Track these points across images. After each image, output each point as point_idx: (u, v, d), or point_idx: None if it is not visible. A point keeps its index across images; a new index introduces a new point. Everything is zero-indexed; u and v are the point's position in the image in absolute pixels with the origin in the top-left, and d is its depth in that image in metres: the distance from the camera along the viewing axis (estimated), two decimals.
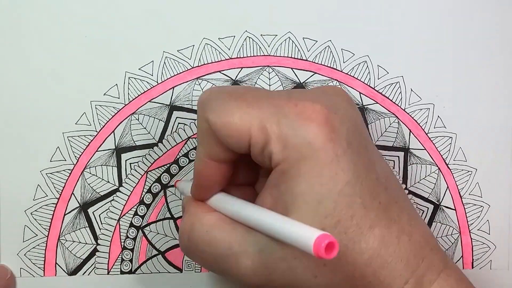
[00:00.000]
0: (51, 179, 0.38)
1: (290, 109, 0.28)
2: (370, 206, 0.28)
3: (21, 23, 0.37)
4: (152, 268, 0.39)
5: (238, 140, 0.28)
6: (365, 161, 0.29)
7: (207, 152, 0.30)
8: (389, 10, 0.39)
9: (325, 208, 0.27)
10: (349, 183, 0.27)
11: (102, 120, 0.38)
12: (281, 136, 0.28)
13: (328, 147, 0.27)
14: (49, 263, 0.38)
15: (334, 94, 0.30)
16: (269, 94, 0.30)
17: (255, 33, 0.39)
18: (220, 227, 0.30)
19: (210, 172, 0.31)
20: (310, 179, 0.27)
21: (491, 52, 0.40)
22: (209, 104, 0.29)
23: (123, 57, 0.38)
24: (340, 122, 0.28)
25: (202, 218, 0.31)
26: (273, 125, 0.28)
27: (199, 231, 0.31)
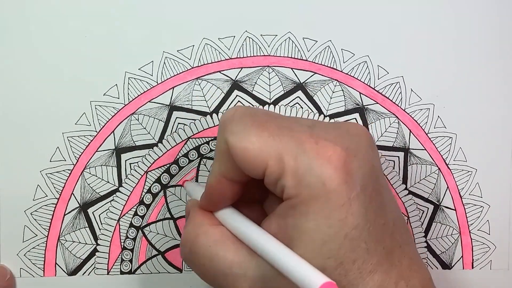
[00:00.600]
0: (51, 179, 0.38)
1: (310, 146, 0.28)
2: (373, 251, 0.28)
3: (21, 24, 0.37)
4: (152, 268, 0.39)
5: (254, 167, 0.28)
6: (376, 205, 0.29)
7: (222, 170, 0.30)
8: (389, 10, 0.39)
9: (329, 250, 0.27)
10: (357, 228, 0.27)
11: (102, 120, 0.38)
12: (297, 171, 0.28)
13: (341, 189, 0.27)
14: (49, 263, 0.38)
15: (357, 134, 0.30)
16: (292, 125, 0.30)
17: (255, 33, 0.39)
18: (224, 244, 0.30)
19: (222, 189, 0.31)
20: (319, 219, 0.27)
21: (491, 52, 0.40)
22: (231, 125, 0.29)
23: (123, 57, 0.38)
24: (358, 166, 0.28)
25: (208, 231, 0.31)
26: (290, 159, 0.28)
27: (202, 244, 0.31)
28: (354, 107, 0.39)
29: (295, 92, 0.39)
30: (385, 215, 0.29)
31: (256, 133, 0.28)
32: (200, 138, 0.39)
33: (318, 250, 0.27)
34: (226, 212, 0.32)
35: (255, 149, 0.28)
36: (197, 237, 0.31)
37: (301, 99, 0.39)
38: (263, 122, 0.29)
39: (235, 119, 0.29)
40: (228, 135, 0.29)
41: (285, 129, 0.29)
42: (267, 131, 0.28)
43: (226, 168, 0.30)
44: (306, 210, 0.27)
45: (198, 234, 0.31)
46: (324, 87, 0.39)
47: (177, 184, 0.39)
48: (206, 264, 0.30)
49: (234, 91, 0.39)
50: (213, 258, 0.30)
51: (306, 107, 0.39)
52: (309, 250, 0.27)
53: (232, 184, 0.31)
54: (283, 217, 0.29)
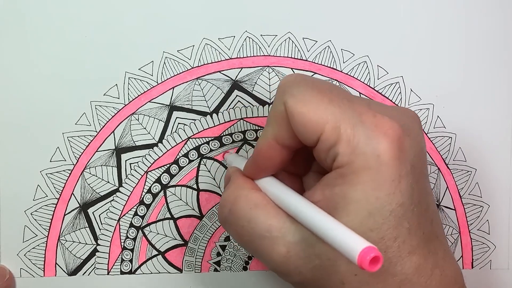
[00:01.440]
0: (51, 179, 0.38)
1: (368, 118, 0.28)
2: (414, 233, 0.28)
3: (21, 24, 0.37)
4: (152, 268, 0.39)
5: (310, 132, 0.28)
6: (421, 188, 0.29)
7: (275, 134, 0.30)
8: (389, 10, 0.39)
9: (374, 222, 0.27)
10: (402, 206, 0.28)
11: (102, 120, 0.38)
12: (353, 140, 0.28)
13: (394, 164, 0.27)
14: (49, 264, 0.38)
15: (410, 117, 0.31)
16: (351, 97, 0.30)
17: (255, 33, 0.39)
18: (264, 208, 0.30)
19: (271, 154, 0.31)
20: (368, 190, 0.27)
21: (491, 52, 0.40)
22: (291, 88, 0.29)
23: (123, 57, 0.38)
24: (410, 145, 0.29)
25: (249, 194, 0.31)
26: (347, 128, 0.28)
27: (242, 205, 0.31)
28: None
29: None
30: (427, 201, 0.29)
31: (316, 98, 0.28)
32: (200, 138, 0.39)
33: (362, 221, 0.27)
34: (268, 180, 0.32)
35: (314, 114, 0.28)
36: (237, 198, 0.31)
37: None
38: (324, 89, 0.29)
39: (296, 83, 0.30)
40: (287, 98, 0.29)
41: (344, 99, 0.29)
42: (327, 98, 0.29)
43: (279, 132, 0.30)
44: (356, 180, 0.28)
45: (238, 196, 0.31)
46: None
47: (177, 184, 0.39)
48: (244, 226, 0.30)
49: (234, 91, 0.39)
50: (252, 221, 0.30)
51: None
52: (353, 220, 0.27)
53: (281, 150, 0.31)
54: (329, 186, 0.29)
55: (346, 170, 0.28)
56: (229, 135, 0.39)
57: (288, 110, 0.29)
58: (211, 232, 0.39)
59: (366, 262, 0.24)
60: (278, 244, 0.29)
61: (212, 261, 0.39)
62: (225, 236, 0.39)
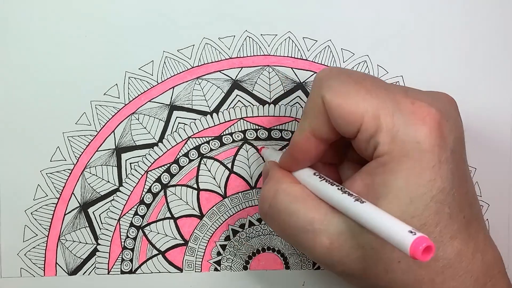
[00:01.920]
0: (51, 179, 0.38)
1: (406, 106, 0.28)
2: (455, 218, 0.28)
3: (21, 24, 0.37)
4: (153, 268, 0.39)
5: (349, 123, 0.29)
6: (461, 173, 0.29)
7: (312, 127, 0.30)
8: (388, 10, 0.39)
9: (415, 209, 0.28)
10: (443, 191, 0.28)
11: (102, 120, 0.38)
12: (393, 129, 0.28)
13: (434, 151, 0.28)
14: (49, 263, 0.38)
15: (447, 102, 0.31)
16: (387, 85, 0.30)
17: (255, 33, 0.39)
18: (304, 200, 0.30)
19: (309, 147, 0.31)
20: (409, 178, 0.28)
21: (491, 52, 0.40)
22: (328, 82, 0.29)
23: (123, 57, 0.38)
24: (449, 130, 0.29)
25: (288, 188, 0.31)
26: (387, 117, 0.28)
27: (283, 199, 0.31)
28: None
29: (295, 92, 0.39)
30: (466, 185, 0.30)
31: (354, 90, 0.29)
32: (200, 137, 0.39)
33: (404, 209, 0.28)
34: (306, 171, 0.32)
35: (353, 105, 0.28)
36: (277, 193, 0.31)
37: (301, 98, 0.39)
38: (360, 80, 0.29)
39: (332, 75, 0.30)
40: (325, 91, 0.29)
41: (381, 88, 0.29)
42: (364, 88, 0.29)
43: (317, 125, 0.30)
44: (397, 168, 0.28)
45: (278, 190, 0.31)
46: None
47: (178, 183, 0.39)
48: (285, 220, 0.31)
49: (234, 90, 0.39)
50: (293, 214, 0.30)
51: None
52: (395, 207, 0.28)
53: (318, 143, 0.31)
54: (370, 175, 0.29)
55: (387, 159, 0.28)
56: (229, 135, 0.39)
57: (326, 103, 0.29)
58: (212, 232, 0.39)
59: (419, 252, 0.24)
60: (321, 236, 0.29)
61: (212, 261, 0.39)
62: (225, 235, 0.39)
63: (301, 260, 0.39)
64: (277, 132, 0.39)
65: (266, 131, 0.39)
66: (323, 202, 0.30)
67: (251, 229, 0.39)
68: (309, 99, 0.31)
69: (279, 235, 0.32)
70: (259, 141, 0.39)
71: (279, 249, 0.39)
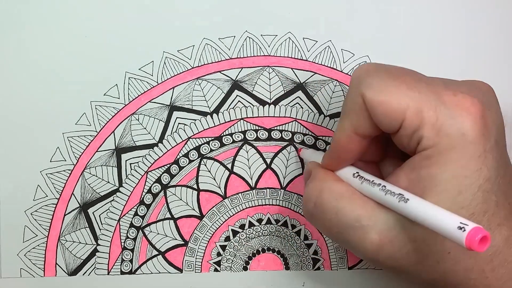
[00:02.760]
0: (51, 180, 0.38)
1: (449, 98, 0.28)
2: (502, 205, 0.29)
3: (21, 24, 0.37)
4: (152, 269, 0.39)
5: (392, 120, 0.29)
6: (504, 161, 0.30)
7: (354, 125, 0.30)
8: (388, 10, 0.39)
9: (464, 200, 0.28)
10: (489, 180, 0.28)
11: (102, 120, 0.38)
12: (436, 122, 0.28)
13: (479, 141, 0.28)
14: (49, 264, 0.38)
15: (487, 92, 0.31)
16: (427, 79, 0.30)
17: (255, 33, 0.39)
18: (349, 198, 0.31)
19: (351, 145, 0.31)
20: (456, 169, 0.28)
21: (490, 52, 0.40)
22: (367, 80, 0.29)
23: (123, 57, 0.38)
24: (492, 119, 0.29)
25: (333, 186, 0.31)
26: (430, 111, 0.28)
27: (327, 198, 0.31)
28: None
29: (295, 92, 0.39)
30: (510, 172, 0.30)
31: (394, 86, 0.29)
32: (200, 138, 0.39)
33: (452, 200, 0.28)
34: (348, 170, 0.32)
35: (394, 102, 0.28)
36: (321, 191, 0.31)
37: (301, 99, 0.39)
38: (399, 75, 0.29)
39: (370, 73, 0.30)
40: (364, 89, 0.29)
41: (421, 82, 0.29)
42: (404, 84, 0.29)
43: (358, 123, 0.30)
44: (443, 160, 0.28)
45: (322, 189, 0.31)
46: (324, 87, 0.39)
47: (178, 184, 0.39)
48: (332, 219, 0.31)
49: (234, 91, 0.39)
50: (340, 212, 0.30)
51: (306, 107, 0.39)
52: (443, 199, 0.28)
53: (361, 140, 0.31)
54: (415, 169, 0.29)
55: (431, 152, 0.28)
56: (229, 135, 0.39)
57: (367, 101, 0.29)
58: (211, 232, 0.39)
59: (475, 243, 0.24)
60: (369, 233, 0.29)
61: (212, 261, 0.39)
62: (225, 236, 0.39)
63: (301, 260, 0.39)
64: (277, 132, 0.39)
65: (266, 132, 0.39)
66: (368, 198, 0.30)
67: (251, 230, 0.39)
68: (348, 98, 0.30)
69: (325, 233, 0.32)
70: (259, 142, 0.39)
71: (279, 250, 0.39)
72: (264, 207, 0.39)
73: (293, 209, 0.39)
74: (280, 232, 0.39)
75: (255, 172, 0.39)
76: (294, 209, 0.39)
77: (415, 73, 0.30)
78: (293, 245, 0.39)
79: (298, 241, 0.39)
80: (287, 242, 0.39)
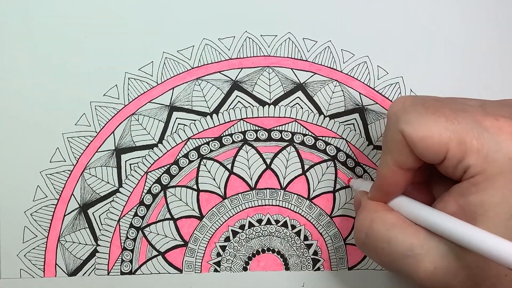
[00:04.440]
0: (51, 180, 0.38)
1: (491, 123, 0.29)
2: None
3: (21, 24, 0.37)
4: (152, 269, 0.39)
5: (435, 154, 0.29)
6: None
7: (397, 160, 0.31)
8: (389, 10, 0.39)
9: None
10: None
11: (101, 121, 0.38)
12: (481, 150, 0.28)
13: None
14: (49, 264, 0.38)
15: None
16: (464, 106, 0.30)
17: (255, 33, 0.38)
18: (401, 227, 0.31)
19: (396, 179, 0.31)
20: (506, 193, 0.28)
21: (490, 52, 0.40)
22: (405, 116, 0.30)
23: (123, 58, 0.38)
24: None
25: (384, 216, 0.31)
26: (473, 140, 0.28)
27: (379, 228, 0.31)
28: (354, 107, 0.39)
29: (295, 93, 0.39)
30: None
31: (433, 120, 0.29)
32: (200, 138, 0.39)
33: (503, 224, 0.28)
34: (398, 199, 0.32)
35: (436, 136, 0.29)
36: (372, 222, 0.32)
37: (301, 99, 0.39)
38: (437, 108, 0.29)
39: (407, 108, 0.30)
40: (403, 126, 0.29)
41: (459, 111, 0.29)
42: (443, 116, 0.29)
43: (400, 158, 0.30)
44: (491, 186, 0.28)
45: (373, 219, 0.32)
46: (324, 87, 0.39)
47: (177, 184, 0.39)
48: (384, 248, 0.31)
49: (234, 91, 0.39)
50: (392, 241, 0.30)
51: (306, 108, 0.39)
52: (494, 224, 0.28)
53: (405, 173, 0.31)
54: (463, 196, 0.29)
55: (479, 178, 0.28)
56: (229, 136, 0.39)
57: (407, 138, 0.29)
58: (211, 233, 0.39)
59: None
60: (423, 261, 0.29)
61: (212, 262, 0.39)
62: (225, 236, 0.39)
63: (300, 261, 0.39)
64: (277, 133, 0.39)
65: (266, 132, 0.39)
66: (420, 227, 0.30)
67: (251, 230, 0.39)
68: (388, 134, 0.31)
69: (377, 262, 0.32)
70: (259, 142, 0.39)
71: (279, 250, 0.39)
72: (264, 208, 0.39)
73: (293, 209, 0.39)
74: (280, 233, 0.39)
75: (255, 172, 0.39)
76: (294, 209, 0.39)
77: (452, 101, 0.31)
78: (293, 246, 0.39)
79: (298, 242, 0.39)
80: (287, 242, 0.39)
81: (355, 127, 0.39)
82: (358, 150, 0.39)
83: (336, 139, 0.39)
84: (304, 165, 0.39)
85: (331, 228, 0.39)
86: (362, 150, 0.39)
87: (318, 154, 0.39)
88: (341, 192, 0.39)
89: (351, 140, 0.39)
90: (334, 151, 0.39)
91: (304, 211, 0.39)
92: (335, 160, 0.39)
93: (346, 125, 0.39)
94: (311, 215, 0.39)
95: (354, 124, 0.39)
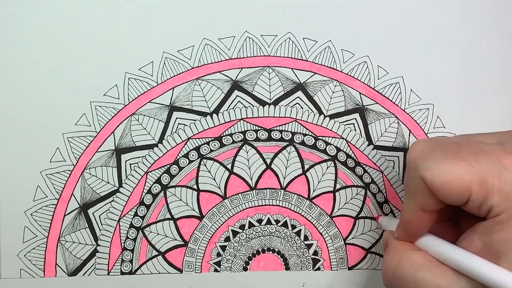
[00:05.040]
0: (51, 180, 0.38)
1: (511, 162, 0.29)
2: None
3: (21, 24, 0.37)
4: (152, 269, 0.39)
5: (457, 197, 0.29)
6: None
7: (419, 204, 0.31)
8: (389, 10, 0.39)
9: None
10: None
11: (102, 120, 0.38)
12: (503, 189, 0.28)
13: None
14: (49, 264, 0.38)
15: None
16: (483, 147, 0.30)
17: (255, 33, 0.38)
18: (428, 267, 0.31)
19: (421, 222, 0.32)
20: None
21: (490, 52, 0.40)
22: (424, 162, 0.30)
23: (123, 58, 0.38)
24: None
25: (410, 257, 0.32)
26: (494, 180, 0.29)
27: (406, 269, 0.32)
28: (354, 107, 0.39)
29: (295, 92, 0.39)
30: None
31: (453, 164, 0.29)
32: (200, 138, 0.39)
33: None
34: (424, 238, 0.33)
35: (457, 180, 0.29)
36: (399, 262, 0.32)
37: (301, 99, 0.39)
38: (456, 152, 0.30)
39: (426, 154, 0.30)
40: (423, 172, 0.30)
41: (479, 153, 0.29)
42: (463, 160, 0.29)
43: (423, 202, 0.31)
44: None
45: (400, 260, 0.32)
46: (324, 87, 0.39)
47: (178, 184, 0.39)
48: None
49: (234, 91, 0.39)
50: (419, 282, 0.31)
51: (306, 107, 0.39)
52: None
53: (430, 215, 0.32)
54: (487, 233, 0.29)
55: (503, 217, 0.29)
56: (229, 136, 0.39)
57: (428, 184, 0.30)
58: (211, 233, 0.39)
59: None
60: None
61: (212, 262, 0.39)
62: (225, 236, 0.39)
63: (300, 261, 0.39)
64: (277, 133, 0.39)
65: (266, 132, 0.39)
66: (447, 266, 0.31)
67: (251, 230, 0.39)
68: (409, 180, 0.31)
69: None
70: (259, 142, 0.39)
71: (279, 250, 0.39)
72: (264, 208, 0.39)
73: (293, 209, 0.39)
74: (280, 233, 0.39)
75: (255, 172, 0.39)
76: (294, 209, 0.39)
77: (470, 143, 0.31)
78: (293, 246, 0.39)
79: (298, 242, 0.39)
80: (287, 242, 0.39)
81: (355, 127, 0.39)
82: (358, 150, 0.39)
83: (336, 139, 0.39)
84: (304, 165, 0.39)
85: (331, 228, 0.39)
86: (362, 150, 0.39)
87: (318, 154, 0.39)
88: (341, 192, 0.39)
89: (351, 140, 0.39)
90: (334, 151, 0.39)
91: (304, 211, 0.39)
92: (335, 160, 0.39)
93: (346, 125, 0.39)
94: (311, 215, 0.39)
95: (354, 124, 0.39)
